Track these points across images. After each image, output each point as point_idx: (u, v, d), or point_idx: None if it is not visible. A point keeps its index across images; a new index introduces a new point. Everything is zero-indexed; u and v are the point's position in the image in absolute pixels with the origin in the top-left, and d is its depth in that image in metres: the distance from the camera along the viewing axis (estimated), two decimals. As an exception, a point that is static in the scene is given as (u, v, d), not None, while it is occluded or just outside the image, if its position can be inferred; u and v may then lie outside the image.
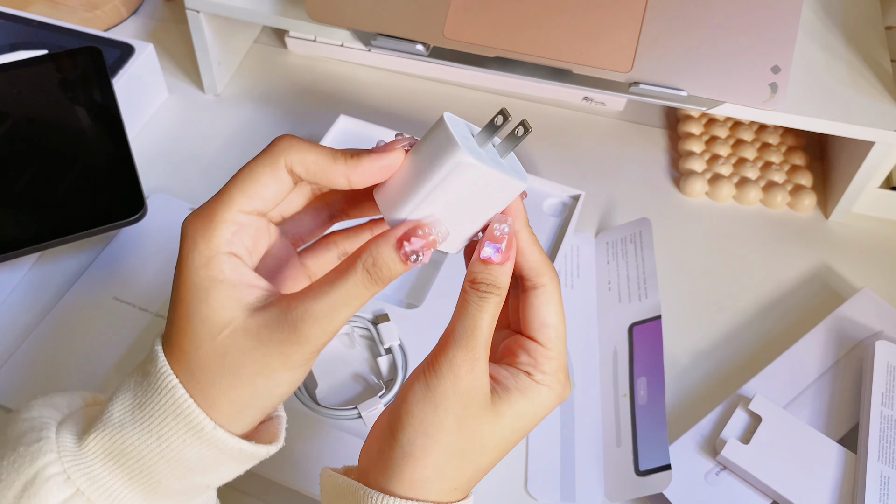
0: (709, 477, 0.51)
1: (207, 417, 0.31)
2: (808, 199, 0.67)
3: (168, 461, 0.31)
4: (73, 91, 0.61)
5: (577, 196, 0.62)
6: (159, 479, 0.32)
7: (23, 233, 0.53)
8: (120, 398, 0.32)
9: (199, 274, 0.30)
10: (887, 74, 0.62)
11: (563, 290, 0.59)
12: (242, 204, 0.31)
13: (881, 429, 0.51)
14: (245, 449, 0.33)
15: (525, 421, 0.34)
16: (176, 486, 0.32)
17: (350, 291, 0.31)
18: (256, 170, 0.31)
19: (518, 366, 0.34)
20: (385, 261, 0.31)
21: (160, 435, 0.31)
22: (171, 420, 0.31)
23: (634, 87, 0.57)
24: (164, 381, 0.31)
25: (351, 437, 0.50)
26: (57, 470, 0.31)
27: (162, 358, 0.31)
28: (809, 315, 0.60)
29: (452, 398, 0.32)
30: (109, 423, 0.31)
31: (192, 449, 0.31)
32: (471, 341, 0.32)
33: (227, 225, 0.31)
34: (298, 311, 0.30)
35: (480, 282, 0.32)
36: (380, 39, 0.59)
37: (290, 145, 0.32)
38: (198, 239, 0.31)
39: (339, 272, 0.31)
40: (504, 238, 0.33)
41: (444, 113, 0.32)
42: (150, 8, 0.80)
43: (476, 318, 0.32)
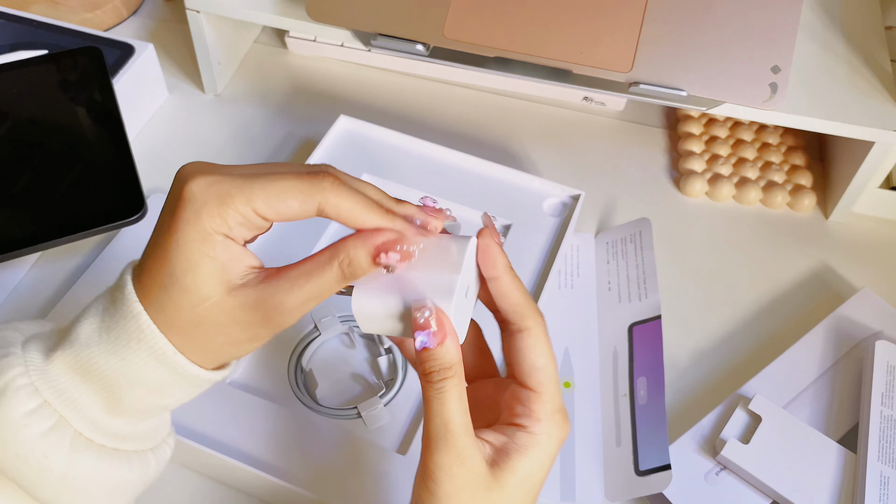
0: (709, 477, 0.51)
1: (170, 344, 0.33)
2: (808, 199, 0.67)
3: (129, 381, 0.33)
4: (73, 91, 0.61)
5: (577, 196, 0.62)
6: (120, 397, 0.33)
7: (23, 233, 0.53)
8: (87, 321, 0.34)
9: (193, 247, 0.32)
10: (887, 74, 0.62)
11: (562, 290, 0.59)
12: (260, 208, 0.32)
13: (881, 429, 0.51)
14: (201, 375, 0.34)
15: (533, 479, 0.34)
16: (135, 405, 0.34)
17: (323, 286, 0.32)
18: (290, 189, 0.32)
19: (514, 420, 0.35)
20: (360, 264, 0.32)
21: (124, 357, 0.33)
22: (134, 344, 0.33)
23: (634, 87, 0.57)
24: (131, 307, 0.33)
25: (351, 437, 0.50)
26: (25, 382, 0.33)
27: (130, 287, 0.33)
28: (809, 315, 0.60)
29: (457, 496, 0.33)
30: (76, 341, 0.33)
31: (153, 372, 0.33)
32: (449, 439, 0.33)
33: (236, 216, 0.32)
34: (273, 302, 0.32)
35: (430, 371, 0.33)
36: (380, 39, 0.59)
37: (333, 188, 0.32)
38: (202, 213, 0.31)
39: (317, 266, 0.32)
40: (430, 322, 0.33)
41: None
42: (150, 8, 0.80)
43: (443, 413, 0.33)
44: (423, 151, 0.64)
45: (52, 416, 0.33)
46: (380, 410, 0.50)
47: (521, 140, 0.71)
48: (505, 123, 0.72)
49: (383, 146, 0.64)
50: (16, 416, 0.32)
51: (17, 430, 0.32)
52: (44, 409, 0.33)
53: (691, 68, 0.57)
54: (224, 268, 0.32)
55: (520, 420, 0.35)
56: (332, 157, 0.63)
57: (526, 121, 0.72)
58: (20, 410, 0.32)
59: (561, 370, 0.56)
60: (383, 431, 0.50)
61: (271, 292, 0.32)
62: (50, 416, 0.33)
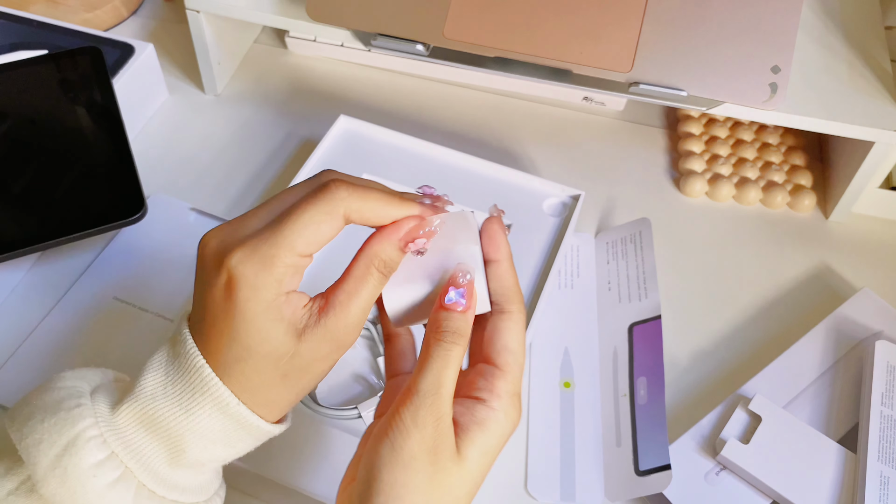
0: (709, 477, 0.51)
1: (233, 395, 0.34)
2: (808, 199, 0.67)
3: (194, 433, 0.34)
4: (73, 91, 0.61)
5: (577, 196, 0.62)
6: (183, 448, 0.34)
7: (23, 233, 0.53)
8: (151, 374, 0.34)
9: (261, 319, 0.32)
10: (887, 74, 0.62)
11: (562, 290, 0.59)
12: (301, 247, 0.32)
13: (881, 429, 0.51)
14: (262, 426, 0.35)
15: (489, 455, 0.34)
16: (198, 456, 0.35)
17: (371, 293, 0.34)
18: (316, 217, 0.33)
19: (473, 393, 0.35)
20: (393, 259, 0.34)
21: (189, 408, 0.34)
22: (199, 396, 0.34)
23: (634, 87, 0.57)
24: (193, 361, 0.34)
25: (351, 437, 0.50)
26: (95, 433, 0.34)
27: (191, 342, 0.34)
28: (809, 315, 0.60)
29: (420, 456, 0.32)
30: (142, 394, 0.34)
31: (217, 423, 0.34)
32: (436, 399, 0.33)
33: (287, 269, 0.32)
34: (339, 327, 0.33)
35: (445, 330, 0.34)
36: (380, 39, 0.59)
37: (349, 194, 0.33)
38: (258, 286, 0.32)
39: (359, 280, 0.34)
40: (468, 286, 0.34)
41: None
42: (150, 8, 0.80)
43: (441, 375, 0.33)
44: (423, 151, 0.64)
45: (119, 467, 0.34)
46: (380, 410, 0.50)
47: (521, 140, 0.71)
48: (505, 123, 0.72)
49: (383, 146, 0.64)
50: (85, 467, 0.33)
51: (85, 480, 0.33)
52: (111, 460, 0.34)
53: (691, 68, 0.57)
54: (293, 323, 0.33)
55: (480, 394, 0.35)
56: (332, 157, 0.63)
57: (526, 121, 0.72)
58: (90, 461, 0.33)
59: (561, 370, 0.56)
60: (383, 431, 0.50)
61: (333, 321, 0.33)
62: (117, 467, 0.34)
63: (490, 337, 0.36)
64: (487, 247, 0.36)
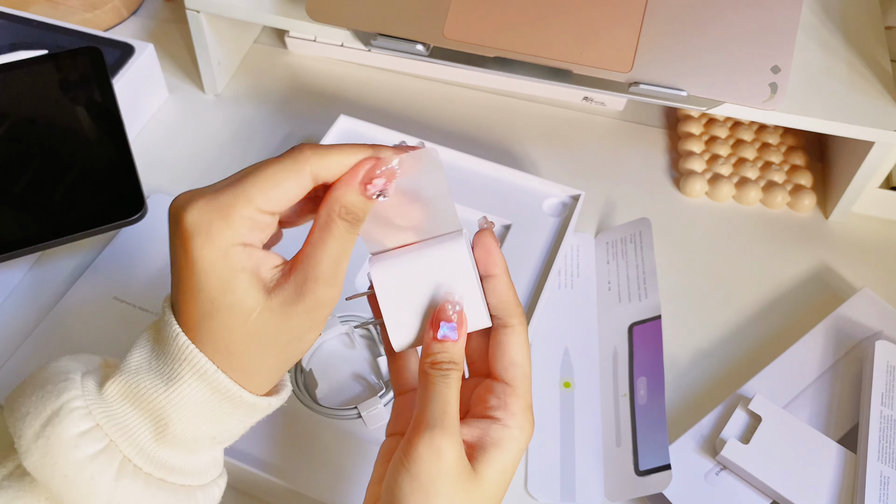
0: (709, 477, 0.51)
1: (209, 360, 0.33)
2: (807, 199, 0.67)
3: (176, 405, 0.33)
4: (73, 91, 0.61)
5: (577, 196, 0.62)
6: (167, 422, 0.34)
7: (23, 233, 0.53)
8: (137, 351, 0.35)
9: (219, 265, 0.32)
10: (887, 74, 0.62)
11: (563, 290, 0.59)
12: (262, 204, 0.33)
13: (881, 429, 0.51)
14: (244, 397, 0.34)
15: (507, 473, 0.35)
16: (184, 432, 0.34)
17: (340, 243, 0.33)
18: (279, 175, 0.33)
19: (487, 413, 0.36)
20: (355, 203, 0.33)
21: (170, 378, 0.33)
22: (177, 365, 0.33)
23: (634, 87, 0.57)
24: (171, 330, 0.33)
25: (351, 437, 0.50)
26: (80, 405, 0.33)
27: (169, 313, 0.34)
28: (809, 315, 0.60)
29: (439, 480, 0.33)
30: (127, 369, 0.34)
31: (198, 392, 0.33)
32: (445, 420, 0.34)
33: (244, 221, 0.32)
34: (308, 280, 0.33)
35: (440, 361, 0.35)
36: (380, 39, 0.59)
37: (314, 154, 0.33)
38: (212, 232, 0.32)
39: (322, 229, 0.33)
40: (456, 317, 0.35)
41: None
42: (150, 8, 0.80)
43: (445, 397, 0.34)
44: (423, 151, 0.64)
45: (103, 439, 0.33)
46: (380, 410, 0.50)
47: (521, 140, 0.71)
48: (505, 123, 0.72)
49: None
50: (68, 437, 0.33)
51: (67, 450, 0.33)
52: (95, 431, 0.33)
53: (691, 68, 0.57)
54: (255, 274, 0.33)
55: (494, 413, 0.36)
56: (332, 157, 0.63)
57: (526, 121, 0.72)
58: (72, 431, 0.33)
59: (561, 370, 0.56)
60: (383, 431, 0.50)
61: (302, 274, 0.33)
62: (100, 439, 0.33)
63: (495, 353, 0.37)
64: (484, 262, 0.36)
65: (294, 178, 0.33)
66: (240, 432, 0.36)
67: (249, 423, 0.36)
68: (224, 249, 0.32)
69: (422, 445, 0.33)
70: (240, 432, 0.36)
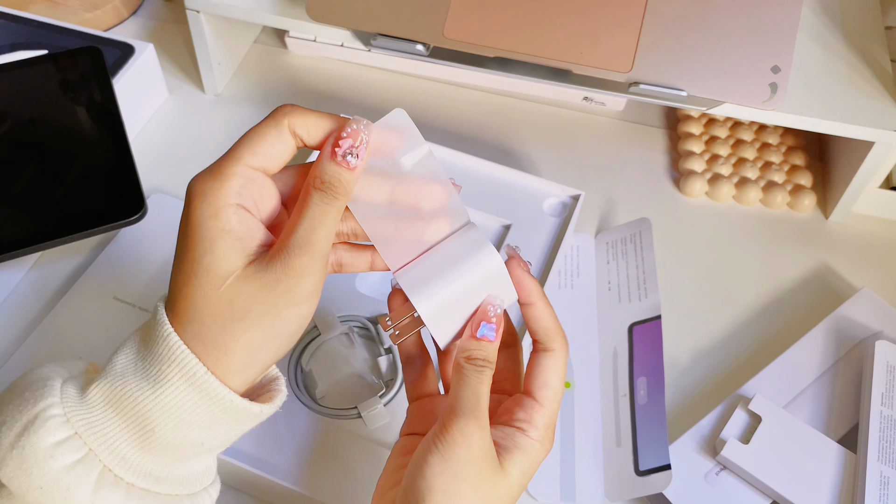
0: (709, 477, 0.51)
1: (200, 363, 0.32)
2: (807, 199, 0.67)
3: (162, 410, 0.32)
4: (73, 91, 0.61)
5: (577, 196, 0.62)
6: (153, 428, 0.33)
7: (23, 233, 0.53)
8: (123, 353, 0.34)
9: (207, 225, 0.33)
10: (887, 74, 0.62)
11: (562, 290, 0.59)
12: (249, 160, 0.34)
13: (881, 429, 0.51)
14: (236, 402, 0.33)
15: (527, 477, 0.37)
16: (170, 439, 0.33)
17: (316, 213, 0.34)
18: (262, 131, 0.34)
19: (513, 423, 0.37)
20: (331, 174, 0.34)
21: (157, 381, 0.32)
22: (166, 367, 0.32)
23: (634, 87, 0.57)
24: (161, 330, 0.33)
25: (351, 437, 0.50)
26: (57, 412, 0.32)
27: (162, 312, 0.33)
28: (809, 315, 0.60)
29: (469, 465, 0.34)
30: (111, 372, 0.33)
31: (185, 396, 0.33)
32: (477, 410, 0.35)
33: (236, 178, 0.33)
34: (282, 248, 0.33)
35: (477, 357, 0.36)
36: (380, 39, 0.59)
37: (293, 110, 0.35)
38: (207, 192, 0.33)
39: (301, 202, 0.34)
40: (496, 319, 0.37)
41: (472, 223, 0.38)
42: (150, 8, 0.80)
43: (478, 389, 0.35)
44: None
45: (81, 449, 0.32)
46: (380, 410, 0.50)
47: (521, 140, 0.71)
48: (505, 123, 0.72)
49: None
50: (43, 447, 0.32)
51: (42, 460, 0.32)
52: (73, 440, 0.32)
53: (691, 68, 0.57)
54: (240, 240, 0.33)
55: (520, 424, 0.37)
56: (332, 157, 0.63)
57: (526, 121, 0.72)
58: (48, 441, 0.32)
59: (561, 370, 0.56)
60: (383, 431, 0.50)
61: (279, 244, 0.33)
62: (78, 449, 0.32)
63: (532, 371, 0.38)
64: (519, 293, 0.38)
65: (274, 131, 0.34)
66: (230, 439, 0.35)
67: (240, 430, 0.35)
68: (216, 208, 0.33)
69: (455, 430, 0.34)
70: (230, 439, 0.35)
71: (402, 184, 0.37)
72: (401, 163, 0.37)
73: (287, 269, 0.33)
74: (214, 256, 0.32)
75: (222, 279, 0.33)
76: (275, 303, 0.33)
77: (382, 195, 0.37)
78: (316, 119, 0.35)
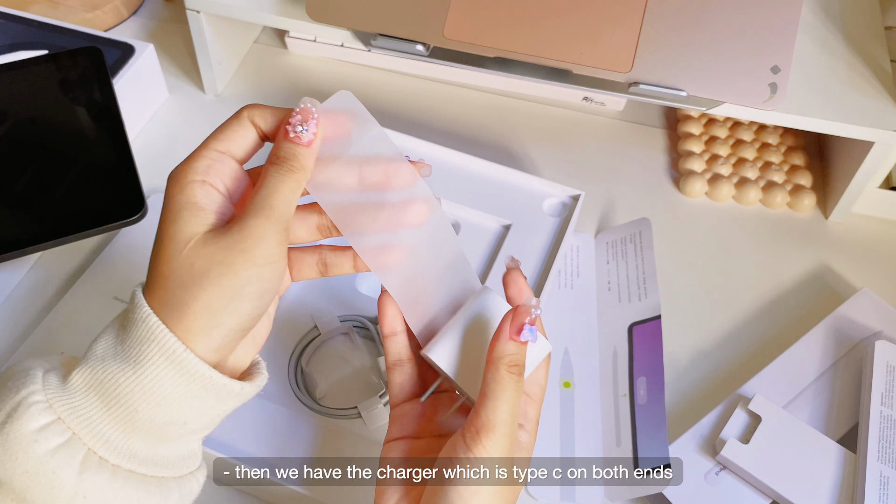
0: (709, 477, 0.51)
1: (179, 342, 0.33)
2: (807, 199, 0.67)
3: (143, 388, 0.33)
4: (73, 91, 0.61)
5: (577, 196, 0.62)
6: (135, 407, 0.33)
7: (23, 233, 0.53)
8: (104, 338, 0.35)
9: (175, 199, 0.35)
10: (887, 74, 0.62)
11: (562, 290, 0.59)
12: (214, 145, 0.37)
13: (881, 429, 0.51)
14: (215, 378, 0.34)
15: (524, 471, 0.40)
16: (153, 418, 0.34)
17: (272, 182, 0.36)
18: (226, 122, 0.38)
19: None
20: (285, 150, 0.37)
21: (136, 361, 0.33)
22: (145, 347, 0.33)
23: (634, 88, 0.57)
24: (140, 312, 0.34)
25: (351, 437, 0.50)
26: (40, 398, 0.33)
27: (140, 295, 0.34)
28: (809, 315, 0.60)
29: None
30: (92, 357, 0.34)
31: (166, 374, 0.33)
32: (513, 427, 0.36)
33: (202, 159, 0.36)
34: (242, 213, 0.35)
35: (516, 364, 0.36)
36: (380, 39, 0.59)
37: (254, 105, 0.38)
38: (177, 174, 0.36)
39: (263, 174, 0.36)
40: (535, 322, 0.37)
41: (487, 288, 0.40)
42: (150, 8, 0.80)
43: (516, 403, 0.36)
44: (423, 151, 0.64)
45: (65, 432, 0.33)
46: (380, 410, 0.50)
47: (521, 140, 0.71)
48: (505, 123, 0.72)
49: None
50: (27, 432, 0.32)
51: (27, 445, 0.32)
52: (56, 425, 0.33)
53: (691, 68, 0.57)
54: (203, 210, 0.35)
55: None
56: (332, 157, 0.63)
57: (526, 121, 0.72)
58: (32, 426, 0.32)
59: (561, 370, 0.56)
60: (383, 431, 0.50)
61: (243, 211, 0.35)
62: (62, 432, 0.33)
63: None
64: (517, 301, 0.39)
65: (236, 122, 0.37)
66: (213, 420, 0.36)
67: (223, 409, 0.36)
68: (182, 185, 0.35)
69: (491, 447, 0.35)
70: (213, 420, 0.36)
71: (368, 166, 0.38)
72: (358, 145, 0.38)
73: (243, 231, 0.34)
74: (178, 225, 0.34)
75: (184, 244, 0.34)
76: (231, 263, 0.34)
77: (350, 180, 0.38)
78: (271, 110, 0.38)
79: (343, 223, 0.38)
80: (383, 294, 0.40)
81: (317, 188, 0.38)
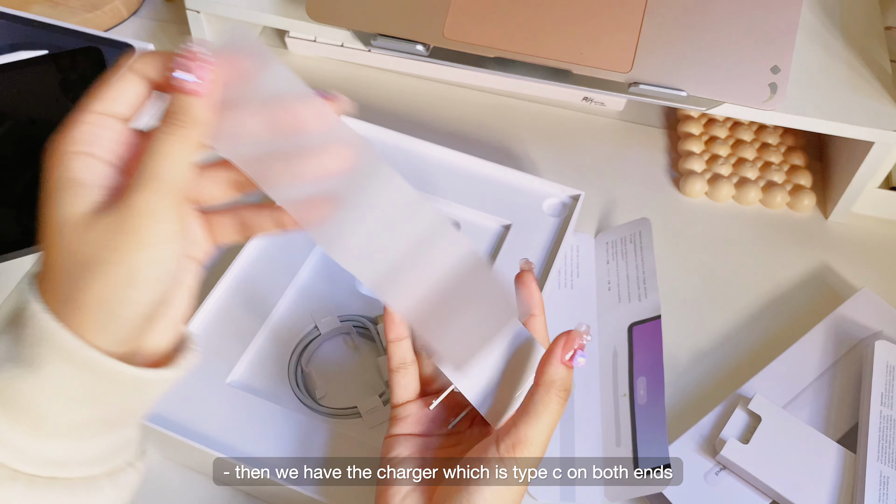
0: (708, 477, 0.51)
1: (77, 339, 0.30)
2: (807, 199, 0.67)
3: (46, 392, 0.30)
4: (73, 91, 0.61)
5: (576, 196, 0.62)
6: (42, 414, 0.30)
7: (23, 233, 0.53)
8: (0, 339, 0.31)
9: (51, 177, 0.30)
10: (887, 74, 0.62)
11: (562, 290, 0.59)
12: (93, 105, 0.31)
13: (880, 429, 0.51)
14: (126, 372, 0.31)
15: None
16: (64, 421, 0.31)
17: (160, 146, 0.31)
18: (105, 78, 0.32)
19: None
20: (173, 102, 0.32)
21: (33, 364, 0.30)
22: (39, 347, 0.30)
23: (634, 88, 0.57)
24: (28, 308, 0.30)
25: (351, 437, 0.50)
26: None
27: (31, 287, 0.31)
28: (809, 315, 0.60)
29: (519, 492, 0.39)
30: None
31: (69, 374, 0.30)
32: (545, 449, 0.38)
33: (79, 126, 0.31)
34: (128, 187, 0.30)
35: (564, 388, 0.38)
36: (380, 39, 0.59)
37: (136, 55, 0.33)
38: (52, 145, 0.31)
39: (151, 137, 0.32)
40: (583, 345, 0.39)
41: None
42: (150, 8, 0.80)
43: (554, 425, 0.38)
44: (423, 151, 0.64)
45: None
46: (380, 410, 0.50)
47: (521, 140, 0.71)
48: (505, 123, 0.72)
49: (383, 146, 0.64)
50: None
51: None
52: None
53: (691, 68, 0.57)
54: (84, 186, 0.30)
55: None
56: (332, 157, 0.63)
57: (526, 121, 0.72)
58: None
59: (561, 370, 0.56)
60: (383, 431, 0.50)
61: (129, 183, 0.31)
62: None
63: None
64: (527, 302, 0.41)
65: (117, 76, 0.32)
66: (139, 410, 0.33)
67: (146, 400, 0.33)
68: (58, 157, 0.30)
69: (524, 462, 0.37)
70: (139, 410, 0.33)
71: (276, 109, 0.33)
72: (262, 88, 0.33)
73: (130, 209, 0.30)
74: (58, 207, 0.30)
75: (67, 228, 0.30)
76: (118, 247, 0.29)
77: (258, 128, 0.33)
78: (159, 55, 0.32)
79: (258, 176, 0.33)
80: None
81: (220, 141, 0.33)
